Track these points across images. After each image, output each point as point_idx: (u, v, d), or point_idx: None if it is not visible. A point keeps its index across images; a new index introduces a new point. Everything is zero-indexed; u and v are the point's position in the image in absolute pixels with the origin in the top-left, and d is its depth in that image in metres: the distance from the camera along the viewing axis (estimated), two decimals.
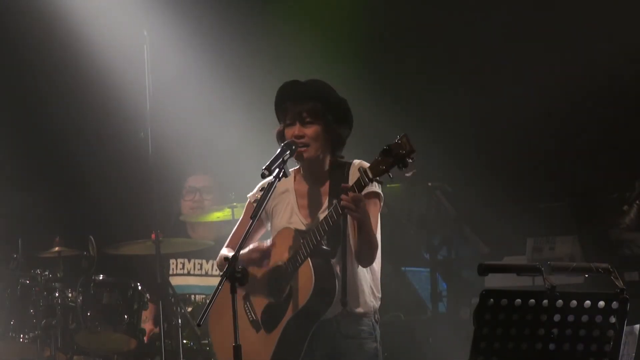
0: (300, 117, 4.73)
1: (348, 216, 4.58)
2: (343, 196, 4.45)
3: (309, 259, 4.61)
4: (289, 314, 4.66)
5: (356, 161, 4.78)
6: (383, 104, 8.39)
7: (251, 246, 4.78)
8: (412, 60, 8.74)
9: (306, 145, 4.71)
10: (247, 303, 4.85)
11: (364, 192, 4.52)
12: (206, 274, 7.39)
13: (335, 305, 4.65)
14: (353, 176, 4.62)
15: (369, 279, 4.74)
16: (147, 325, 6.98)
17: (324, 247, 4.64)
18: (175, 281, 7.32)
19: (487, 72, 8.45)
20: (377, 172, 4.40)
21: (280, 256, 4.73)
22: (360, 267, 4.70)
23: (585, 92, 8.22)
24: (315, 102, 4.74)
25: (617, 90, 8.15)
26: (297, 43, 8.42)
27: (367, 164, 4.61)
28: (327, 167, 4.81)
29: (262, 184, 4.83)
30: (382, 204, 4.72)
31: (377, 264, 4.76)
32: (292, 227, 4.73)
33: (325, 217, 4.56)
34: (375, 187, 4.61)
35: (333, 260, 4.66)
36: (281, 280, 4.71)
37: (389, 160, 4.35)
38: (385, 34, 8.80)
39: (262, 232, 4.95)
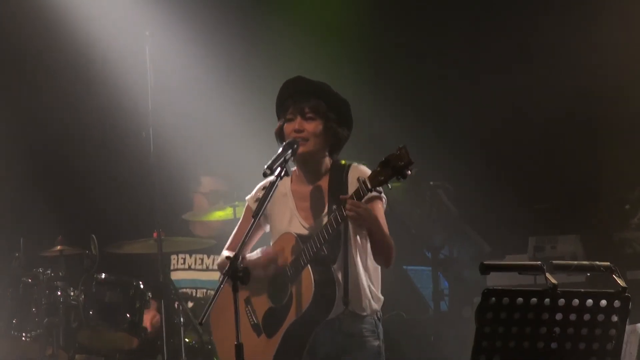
0: (302, 112, 4.74)
1: (349, 221, 4.59)
2: (347, 206, 4.47)
3: (309, 265, 4.62)
4: (289, 320, 4.67)
5: (354, 164, 4.79)
6: (384, 104, 8.39)
7: (259, 251, 4.80)
8: (413, 60, 8.75)
9: (305, 140, 4.71)
10: (249, 306, 4.86)
11: (367, 197, 4.54)
12: (207, 269, 7.40)
13: (337, 306, 4.66)
14: (352, 183, 4.64)
15: (369, 283, 4.74)
16: (148, 323, 6.97)
17: (324, 254, 4.65)
18: (176, 276, 7.35)
19: (488, 72, 8.45)
20: (376, 183, 4.45)
21: (282, 261, 4.73)
22: (361, 272, 4.71)
23: (586, 92, 8.22)
24: (318, 100, 4.75)
25: (618, 90, 8.15)
26: (300, 43, 8.42)
27: (366, 170, 4.64)
28: (324, 167, 4.82)
29: (262, 185, 4.85)
30: (385, 205, 4.73)
31: (376, 270, 4.78)
32: (293, 233, 4.74)
33: (326, 225, 4.58)
34: (378, 192, 4.62)
35: (334, 266, 4.67)
36: (282, 286, 4.73)
37: (387, 172, 4.39)
38: (386, 34, 8.80)
39: (260, 233, 4.96)
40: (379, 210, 4.67)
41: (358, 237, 4.70)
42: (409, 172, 4.36)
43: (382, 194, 4.69)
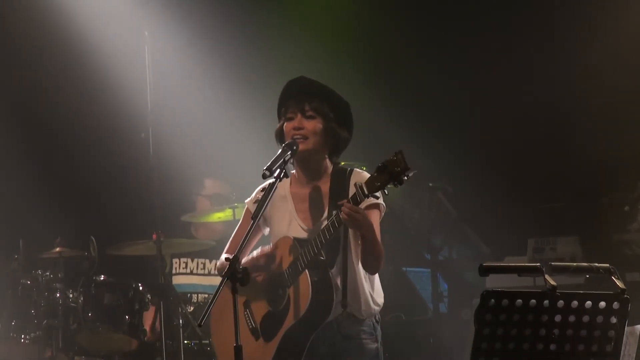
0: (303, 110, 4.74)
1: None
2: (343, 209, 4.47)
3: (306, 270, 4.62)
4: (287, 324, 4.66)
5: (356, 169, 4.79)
6: (383, 105, 8.39)
7: (255, 253, 4.79)
8: (413, 61, 8.75)
9: (304, 137, 4.71)
10: (247, 310, 4.85)
11: (365, 204, 4.55)
12: (209, 273, 7.40)
13: (335, 308, 4.66)
14: (352, 187, 4.63)
15: (368, 287, 4.74)
16: (147, 328, 6.96)
17: (322, 258, 4.64)
18: (177, 280, 7.34)
19: (488, 73, 8.46)
20: (373, 188, 4.42)
21: (279, 265, 4.73)
22: (359, 276, 4.71)
23: (586, 93, 8.23)
24: (320, 100, 4.75)
25: (619, 90, 8.16)
26: (301, 44, 8.43)
27: (366, 175, 4.62)
28: (324, 168, 4.81)
29: (261, 187, 4.84)
30: (383, 213, 4.73)
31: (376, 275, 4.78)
32: (291, 237, 4.73)
33: (323, 229, 4.57)
34: (376, 198, 4.62)
35: (332, 270, 4.67)
36: (280, 290, 4.72)
37: (384, 177, 4.37)
38: (385, 35, 8.80)
39: (259, 236, 4.95)
40: (375, 218, 4.66)
41: (357, 241, 4.69)
42: (406, 177, 4.35)
43: (382, 203, 4.69)
